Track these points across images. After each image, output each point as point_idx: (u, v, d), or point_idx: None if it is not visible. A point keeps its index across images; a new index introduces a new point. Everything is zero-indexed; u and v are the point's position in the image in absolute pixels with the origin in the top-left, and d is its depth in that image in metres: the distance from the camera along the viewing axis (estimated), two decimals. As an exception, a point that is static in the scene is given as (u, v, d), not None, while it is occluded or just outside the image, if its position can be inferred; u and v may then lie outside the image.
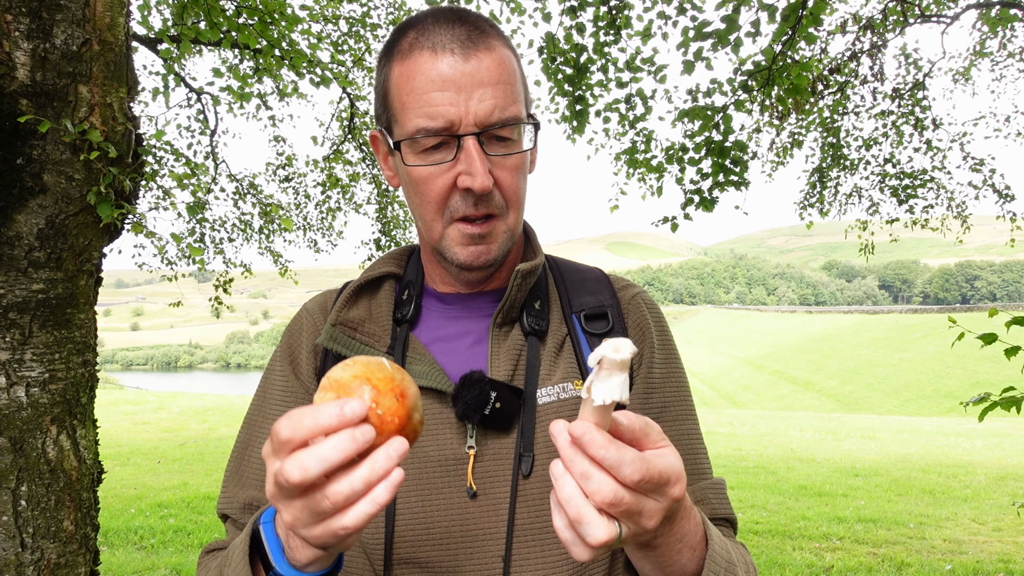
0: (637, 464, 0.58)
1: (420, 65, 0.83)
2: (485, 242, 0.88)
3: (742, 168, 4.61)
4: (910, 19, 7.09)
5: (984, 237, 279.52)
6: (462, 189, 0.85)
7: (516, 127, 0.86)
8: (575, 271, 1.07)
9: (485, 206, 0.86)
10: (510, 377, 0.90)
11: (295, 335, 1.02)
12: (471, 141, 0.82)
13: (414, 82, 0.83)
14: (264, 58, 4.48)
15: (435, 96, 0.82)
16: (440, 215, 0.88)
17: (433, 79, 0.82)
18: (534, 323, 0.95)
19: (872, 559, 5.11)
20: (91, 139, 1.92)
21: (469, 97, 0.81)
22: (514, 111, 0.85)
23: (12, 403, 1.91)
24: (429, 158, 0.85)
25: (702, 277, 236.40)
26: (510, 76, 0.86)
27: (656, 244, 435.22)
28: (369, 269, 1.02)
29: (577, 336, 0.98)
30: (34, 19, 1.87)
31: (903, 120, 7.93)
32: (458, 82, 0.81)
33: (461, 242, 0.88)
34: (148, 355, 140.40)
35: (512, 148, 0.87)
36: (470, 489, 0.86)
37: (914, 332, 53.43)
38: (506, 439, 0.88)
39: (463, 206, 0.86)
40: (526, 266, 0.94)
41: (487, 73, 0.83)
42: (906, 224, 8.18)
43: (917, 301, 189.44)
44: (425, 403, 0.89)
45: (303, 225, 8.51)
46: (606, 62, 5.04)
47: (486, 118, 0.82)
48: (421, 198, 0.88)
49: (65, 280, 2.00)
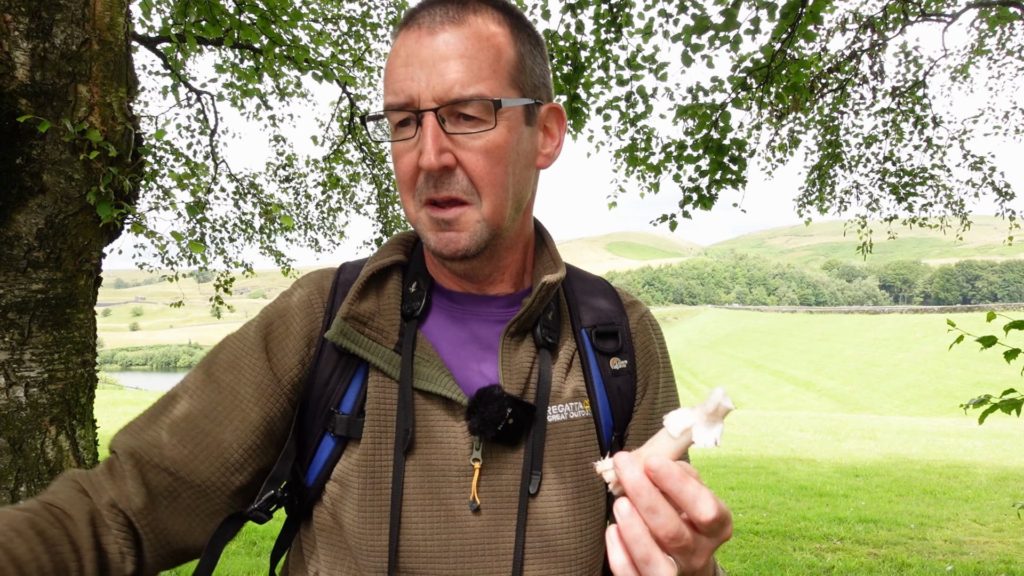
0: (712, 502, 0.57)
1: (400, 42, 0.83)
2: (453, 229, 0.83)
3: (740, 166, 4.61)
4: (911, 17, 7.08)
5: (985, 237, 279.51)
6: (423, 169, 0.81)
7: (486, 107, 0.80)
8: (583, 280, 1.02)
9: (446, 188, 0.81)
10: (522, 391, 0.87)
11: (285, 318, 0.91)
12: (428, 117, 0.79)
13: (392, 59, 0.83)
14: (266, 55, 4.48)
15: (400, 72, 0.81)
16: (412, 196, 0.85)
17: (401, 56, 0.81)
18: (547, 335, 0.91)
19: (873, 560, 5.11)
20: (91, 139, 1.92)
21: (431, 72, 0.79)
22: (481, 88, 0.79)
23: (11, 403, 1.91)
24: (398, 135, 0.83)
25: (702, 277, 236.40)
26: (483, 51, 0.80)
27: (656, 244, 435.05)
28: (378, 256, 0.95)
29: (586, 353, 0.94)
30: (33, 19, 1.86)
31: (903, 118, 7.93)
32: (421, 56, 0.79)
33: (431, 227, 0.84)
34: (147, 355, 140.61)
35: (480, 127, 0.81)
36: (473, 503, 0.83)
37: (915, 332, 53.44)
38: (512, 454, 0.85)
39: (426, 188, 0.82)
40: (553, 278, 0.89)
41: (453, 47, 0.79)
42: (905, 222, 8.18)
43: (918, 301, 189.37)
44: (432, 409, 0.85)
45: (304, 224, 8.52)
46: (607, 60, 5.03)
47: (444, 93, 0.78)
48: (398, 177, 0.86)
49: (64, 280, 1.99)
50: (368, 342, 0.86)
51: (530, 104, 0.86)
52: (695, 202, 4.87)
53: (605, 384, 0.93)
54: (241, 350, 0.89)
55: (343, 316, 0.86)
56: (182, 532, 0.83)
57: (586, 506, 0.87)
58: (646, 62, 4.90)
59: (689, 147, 4.86)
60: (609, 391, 0.93)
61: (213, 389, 0.86)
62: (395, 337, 0.88)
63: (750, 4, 4.51)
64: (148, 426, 0.85)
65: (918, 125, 7.85)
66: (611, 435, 0.93)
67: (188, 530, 0.83)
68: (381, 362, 0.84)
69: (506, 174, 0.83)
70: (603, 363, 0.94)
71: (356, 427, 0.84)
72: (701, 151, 4.74)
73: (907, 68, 7.97)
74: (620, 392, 0.94)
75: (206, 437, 0.84)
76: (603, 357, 0.94)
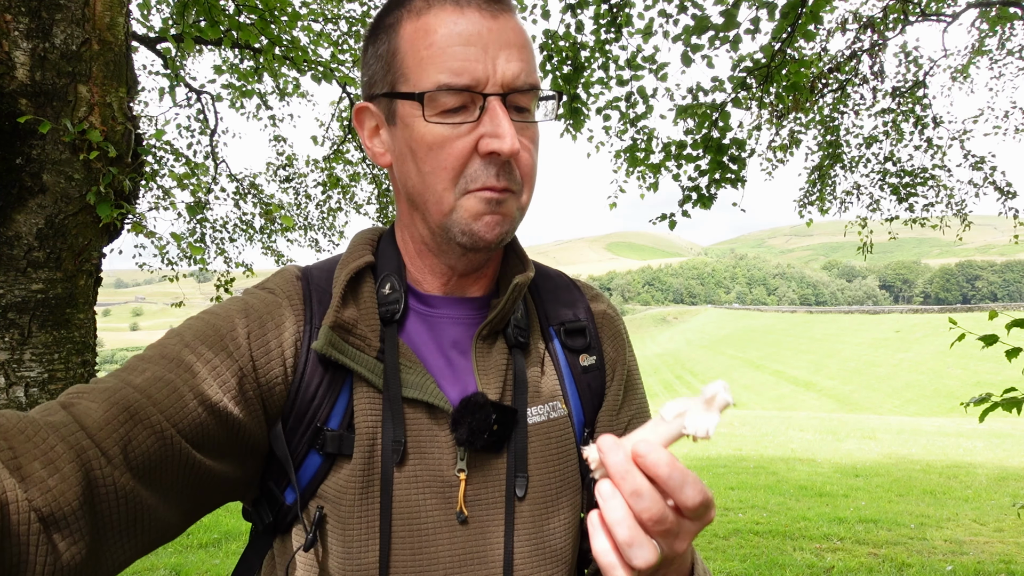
0: (698, 486, 0.56)
1: (442, 19, 0.76)
2: (500, 212, 0.79)
3: (740, 165, 4.61)
4: (911, 17, 7.09)
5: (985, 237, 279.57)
6: (484, 154, 0.76)
7: (534, 100, 0.80)
8: (545, 277, 1.00)
9: (506, 178, 0.78)
10: (500, 395, 0.84)
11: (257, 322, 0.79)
12: (496, 102, 0.75)
13: (434, 36, 0.76)
14: (265, 56, 4.48)
15: (459, 51, 0.74)
16: (454, 184, 0.78)
17: (460, 32, 0.75)
18: (519, 335, 0.89)
19: (873, 560, 5.11)
20: (90, 139, 1.92)
21: (496, 56, 0.75)
22: (535, 79, 0.79)
23: (11, 403, 1.91)
24: (448, 119, 0.76)
25: (702, 277, 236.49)
26: (529, 43, 0.81)
27: (656, 244, 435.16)
28: (351, 257, 0.88)
29: (555, 351, 0.92)
30: (34, 19, 1.86)
31: (903, 118, 7.94)
32: (485, 39, 0.75)
33: (477, 211, 0.78)
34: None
35: (529, 119, 0.80)
36: (460, 514, 0.81)
37: (915, 332, 53.47)
38: (496, 460, 0.83)
39: (484, 175, 0.77)
40: (523, 279, 0.87)
41: (513, 35, 0.77)
42: (906, 223, 8.19)
43: (918, 301, 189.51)
44: (418, 418, 0.82)
45: (304, 224, 8.52)
46: (607, 60, 5.04)
47: (513, 80, 0.76)
48: (434, 164, 0.78)
49: (64, 280, 1.99)
50: (354, 351, 0.80)
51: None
52: (694, 201, 4.88)
53: (576, 381, 0.92)
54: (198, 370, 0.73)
55: (330, 325, 0.78)
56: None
57: (568, 505, 0.88)
58: (646, 62, 4.91)
59: (689, 146, 4.87)
60: (580, 388, 0.92)
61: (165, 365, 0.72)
62: (376, 344, 0.82)
63: (750, 4, 4.51)
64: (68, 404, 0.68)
65: (918, 125, 7.86)
66: (583, 432, 0.93)
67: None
68: (367, 372, 0.79)
69: (537, 166, 0.85)
70: (573, 360, 0.93)
71: (347, 443, 0.79)
72: (701, 151, 4.75)
73: (907, 68, 7.97)
74: (591, 389, 0.93)
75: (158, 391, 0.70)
76: (572, 354, 0.93)
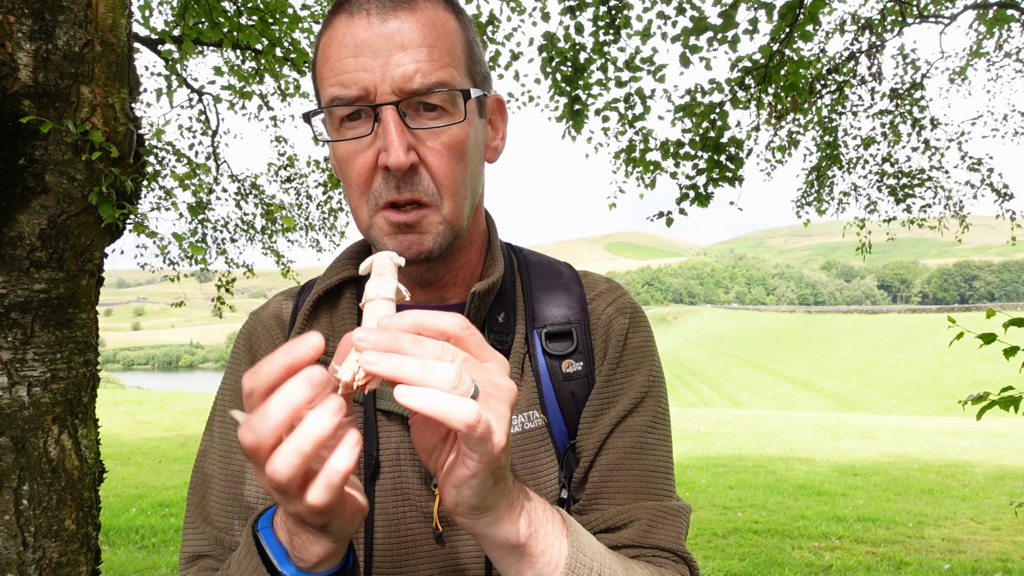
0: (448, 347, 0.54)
1: (337, 31, 0.75)
2: (415, 231, 0.77)
3: (737, 164, 4.63)
4: (908, 19, 7.10)
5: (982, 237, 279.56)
6: (382, 168, 0.75)
7: (451, 98, 0.75)
8: (545, 273, 0.95)
9: (409, 190, 0.75)
10: None
11: (253, 352, 0.90)
12: (389, 112, 0.72)
13: (329, 50, 0.75)
14: (265, 58, 4.50)
15: (348, 62, 0.73)
16: (365, 200, 0.78)
17: (347, 44, 0.74)
18: (497, 339, 0.85)
19: (871, 558, 5.12)
20: (93, 139, 1.93)
21: (386, 61, 0.72)
22: (443, 76, 0.74)
23: (14, 402, 1.92)
24: (347, 133, 0.76)
25: (702, 277, 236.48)
26: (441, 39, 0.75)
27: (656, 244, 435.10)
28: (326, 276, 0.89)
29: (536, 357, 0.87)
30: (36, 20, 1.88)
31: (901, 119, 7.95)
32: (373, 45, 0.73)
33: (389, 231, 0.78)
34: (149, 355, 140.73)
35: (444, 120, 0.76)
36: (436, 530, 0.80)
37: (913, 332, 53.49)
38: None
39: (385, 190, 0.76)
40: (482, 286, 0.83)
41: (409, 34, 0.73)
42: (904, 224, 8.20)
43: (916, 301, 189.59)
44: (394, 430, 0.82)
45: (305, 225, 8.52)
46: (605, 61, 5.05)
47: (405, 84, 0.72)
48: (347, 180, 0.78)
49: (67, 280, 2.01)
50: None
51: (482, 95, 0.81)
52: (692, 199, 4.89)
53: (556, 389, 0.87)
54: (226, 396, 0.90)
55: None
56: None
57: None
58: (644, 64, 4.92)
59: (687, 145, 4.88)
60: (560, 396, 0.87)
61: (221, 448, 0.89)
62: None
63: (748, 5, 4.53)
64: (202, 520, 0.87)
65: (916, 127, 7.87)
66: (565, 443, 0.87)
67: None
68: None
69: (466, 172, 0.80)
70: (553, 367, 0.87)
71: None
72: (699, 149, 4.77)
73: (905, 70, 7.99)
74: (573, 397, 0.87)
75: (237, 501, 0.85)
76: (554, 360, 0.87)
